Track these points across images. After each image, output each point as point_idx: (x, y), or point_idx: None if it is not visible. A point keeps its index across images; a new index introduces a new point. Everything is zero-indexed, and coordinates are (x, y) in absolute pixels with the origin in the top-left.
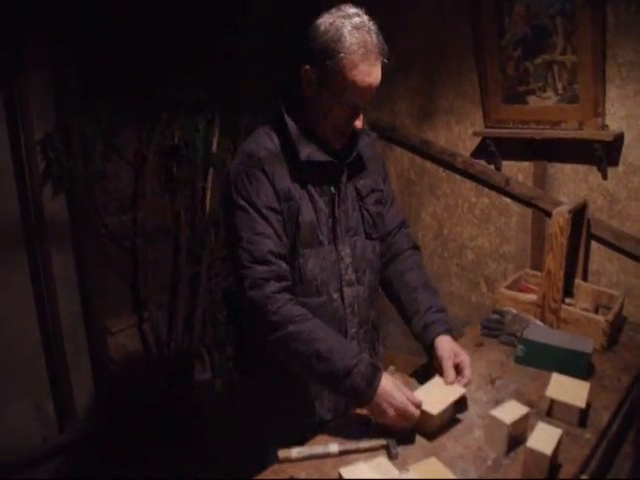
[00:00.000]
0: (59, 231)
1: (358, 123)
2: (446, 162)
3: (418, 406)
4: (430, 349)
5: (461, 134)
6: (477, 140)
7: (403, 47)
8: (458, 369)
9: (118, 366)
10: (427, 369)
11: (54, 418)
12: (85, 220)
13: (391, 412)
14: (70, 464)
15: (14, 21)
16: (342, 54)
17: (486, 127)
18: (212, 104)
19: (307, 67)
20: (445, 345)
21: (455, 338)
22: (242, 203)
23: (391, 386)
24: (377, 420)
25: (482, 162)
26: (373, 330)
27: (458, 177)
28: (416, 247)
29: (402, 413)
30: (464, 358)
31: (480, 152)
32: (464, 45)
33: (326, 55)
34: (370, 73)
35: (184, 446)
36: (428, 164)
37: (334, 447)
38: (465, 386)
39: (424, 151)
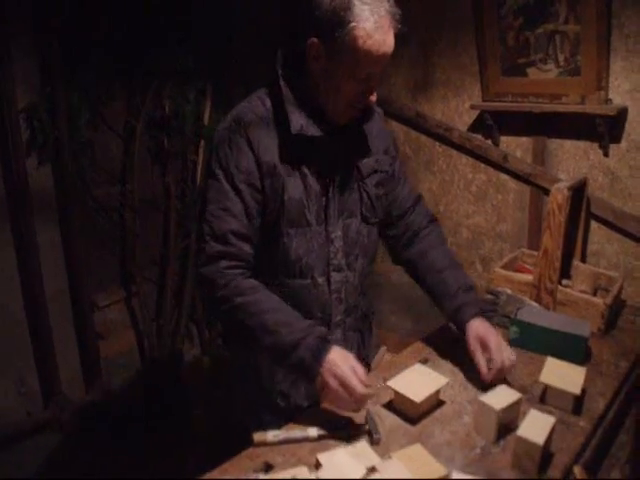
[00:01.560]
0: (44, 202)
1: (373, 97)
2: (442, 136)
3: (364, 383)
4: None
5: (458, 107)
6: (474, 114)
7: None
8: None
9: (105, 341)
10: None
11: (39, 394)
12: (72, 192)
13: (334, 384)
14: (54, 440)
15: None
16: (353, 23)
17: (484, 100)
18: (204, 74)
19: (314, 40)
20: (473, 333)
21: (489, 322)
22: (218, 172)
23: (339, 357)
24: (325, 399)
25: (479, 137)
26: (363, 319)
27: (454, 152)
28: (434, 220)
29: (345, 385)
30: (492, 345)
31: (477, 126)
32: (463, 14)
33: (335, 26)
34: (385, 41)
35: (169, 423)
36: (424, 138)
37: (313, 431)
38: (501, 374)
39: (420, 125)
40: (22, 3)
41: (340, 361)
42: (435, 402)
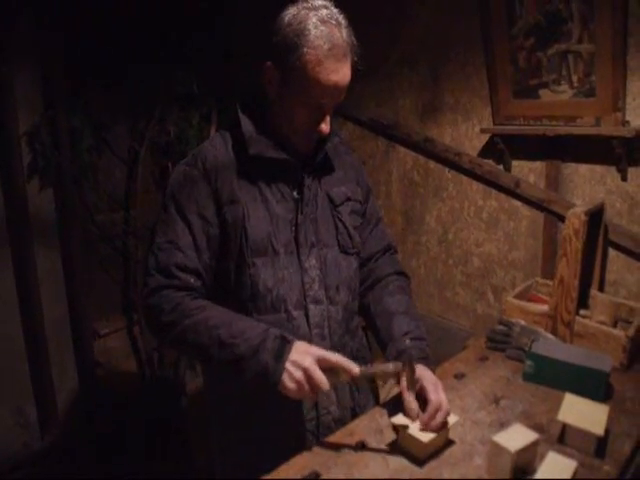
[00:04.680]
0: (45, 228)
1: (325, 127)
2: (452, 162)
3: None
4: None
5: (468, 132)
6: (485, 138)
7: (407, 40)
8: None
9: (105, 370)
10: None
11: (36, 423)
12: (73, 217)
13: (301, 380)
14: (51, 471)
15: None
16: (305, 48)
17: (495, 124)
18: (208, 98)
19: (269, 64)
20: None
21: (432, 370)
22: (170, 205)
23: (300, 353)
24: (289, 393)
25: (490, 162)
26: (353, 361)
27: (464, 178)
28: (402, 273)
29: (310, 380)
30: (432, 392)
31: (488, 151)
32: (472, 36)
33: (288, 50)
34: (336, 70)
35: (170, 458)
36: (432, 164)
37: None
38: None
39: (428, 150)
40: (26, 28)
41: (302, 357)
42: (444, 442)
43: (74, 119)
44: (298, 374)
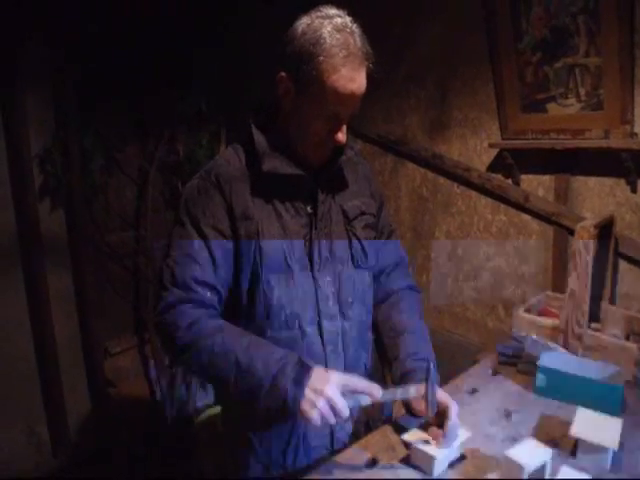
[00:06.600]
0: (57, 248)
1: (341, 136)
2: (461, 177)
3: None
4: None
5: (476, 147)
6: (493, 153)
7: (414, 56)
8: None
9: (116, 389)
10: None
11: (48, 443)
12: (84, 237)
13: (322, 407)
14: None
15: (12, 31)
16: (321, 57)
17: (503, 139)
18: (217, 117)
19: (283, 74)
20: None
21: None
22: (185, 219)
23: (321, 379)
24: (308, 420)
25: (499, 176)
26: (367, 376)
27: (473, 193)
28: (413, 288)
29: (332, 407)
30: (449, 404)
31: (497, 166)
32: (479, 52)
33: (303, 59)
34: (353, 79)
35: (181, 476)
36: (441, 179)
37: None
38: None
39: (437, 166)
40: (37, 49)
41: (322, 383)
42: (456, 457)
43: (85, 140)
44: (319, 401)
